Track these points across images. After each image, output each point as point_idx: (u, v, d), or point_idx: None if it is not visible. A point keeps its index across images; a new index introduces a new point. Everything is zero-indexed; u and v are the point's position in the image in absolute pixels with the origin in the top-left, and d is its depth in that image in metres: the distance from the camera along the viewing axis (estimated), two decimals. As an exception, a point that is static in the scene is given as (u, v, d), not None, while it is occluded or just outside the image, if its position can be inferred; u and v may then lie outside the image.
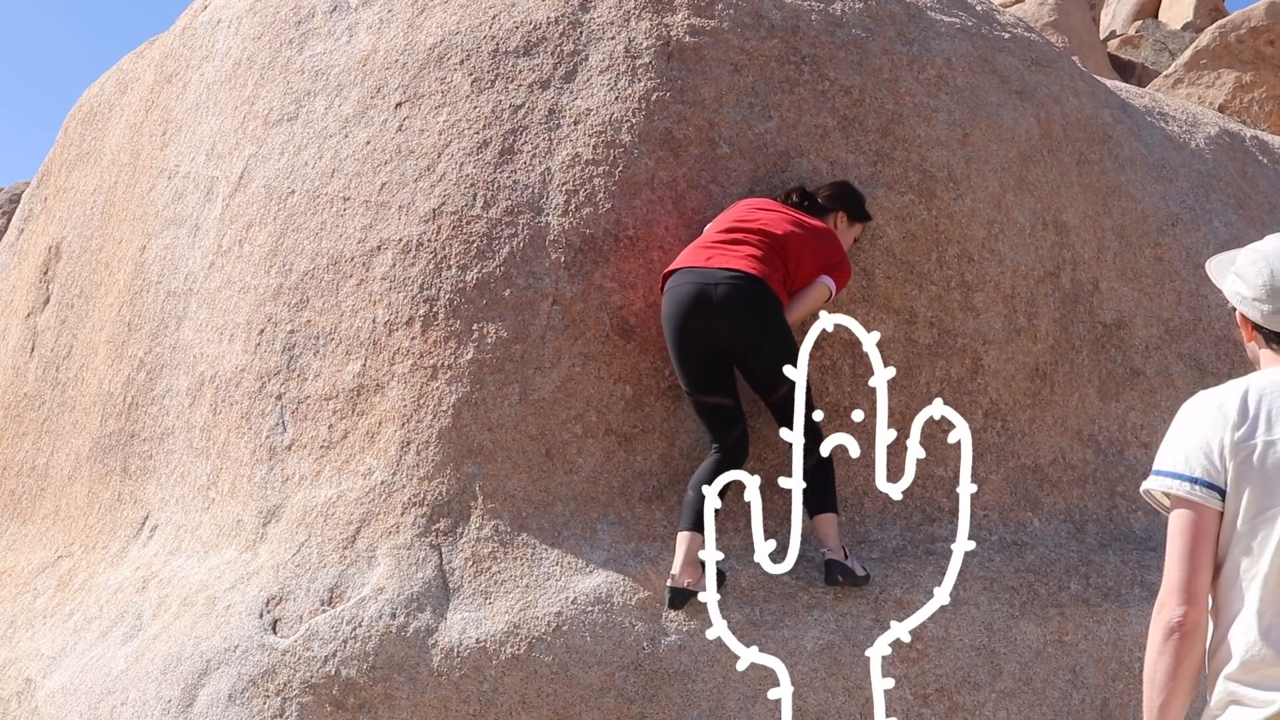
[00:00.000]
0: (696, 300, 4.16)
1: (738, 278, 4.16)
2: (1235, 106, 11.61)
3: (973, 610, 4.34)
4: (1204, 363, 5.38)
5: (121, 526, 5.30)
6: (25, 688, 4.87)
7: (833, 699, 4.07)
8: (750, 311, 4.16)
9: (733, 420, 4.20)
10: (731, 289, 4.14)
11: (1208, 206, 5.76)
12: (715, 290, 4.14)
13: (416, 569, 4.20)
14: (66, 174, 7.22)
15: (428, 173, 4.72)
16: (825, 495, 4.16)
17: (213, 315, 5.15)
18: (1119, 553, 4.76)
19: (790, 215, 4.41)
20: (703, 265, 4.21)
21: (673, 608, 4.06)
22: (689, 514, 4.07)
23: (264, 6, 5.68)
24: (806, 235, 4.36)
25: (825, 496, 4.16)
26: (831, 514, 4.17)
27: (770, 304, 4.19)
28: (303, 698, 4.03)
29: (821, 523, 4.17)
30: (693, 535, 4.02)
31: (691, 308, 4.17)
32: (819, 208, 4.55)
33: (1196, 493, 2.26)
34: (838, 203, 4.57)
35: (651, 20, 4.85)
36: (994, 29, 5.54)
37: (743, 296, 4.14)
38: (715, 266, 4.19)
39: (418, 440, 4.39)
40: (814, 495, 4.07)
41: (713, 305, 4.14)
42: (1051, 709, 4.27)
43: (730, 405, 4.20)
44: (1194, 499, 2.26)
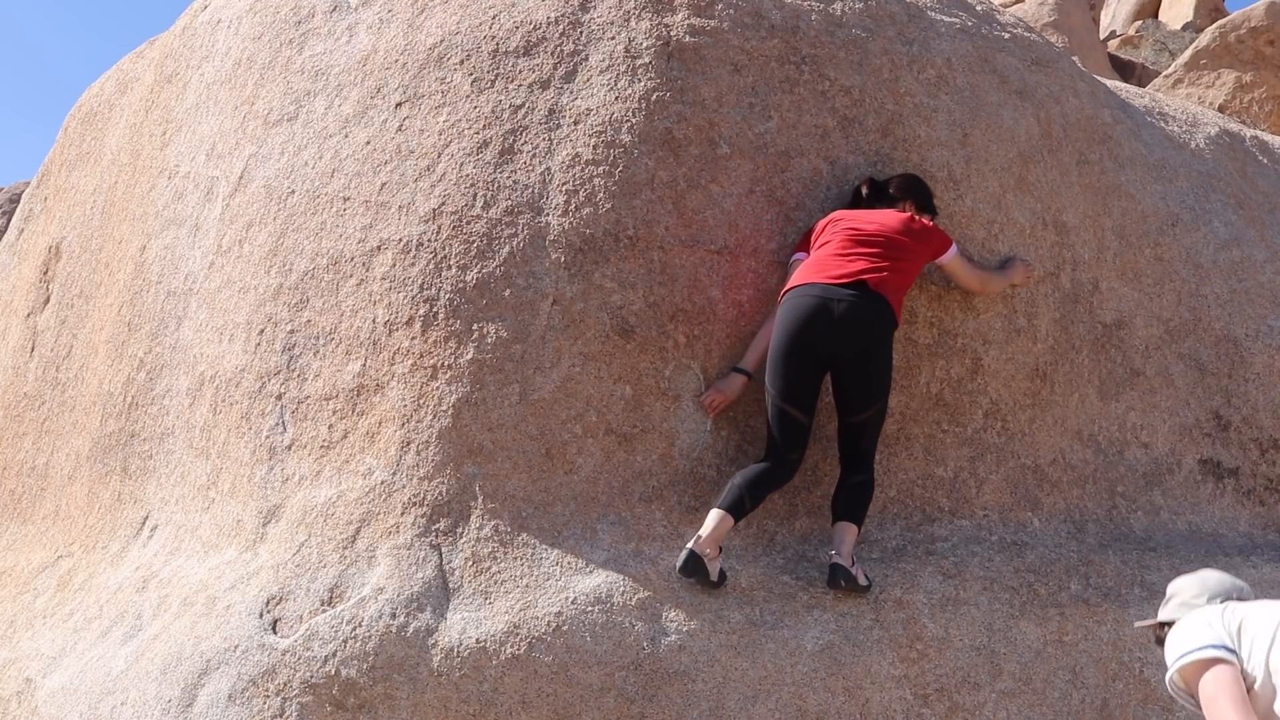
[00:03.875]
0: (817, 312, 4.26)
1: (859, 294, 4.27)
2: (1235, 106, 11.61)
3: (973, 610, 4.35)
4: (1204, 363, 5.39)
5: (121, 526, 5.30)
6: (25, 688, 4.87)
7: (833, 699, 4.08)
8: (868, 327, 4.25)
9: (801, 441, 4.29)
10: (853, 304, 4.25)
11: (1208, 206, 5.76)
12: (837, 305, 4.26)
13: (416, 569, 4.20)
14: (66, 174, 7.22)
15: (428, 173, 4.72)
16: (855, 507, 4.24)
17: (213, 315, 5.15)
18: (1119, 553, 4.76)
19: (882, 213, 4.50)
20: (826, 281, 4.30)
21: (684, 572, 4.10)
22: (730, 498, 4.15)
23: (264, 6, 5.68)
24: (905, 229, 4.45)
25: (854, 508, 4.24)
26: (854, 525, 4.22)
27: (887, 323, 4.30)
28: (303, 698, 4.03)
29: (842, 529, 4.21)
30: (726, 516, 4.12)
31: (810, 318, 4.26)
32: (889, 198, 4.64)
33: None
34: (907, 193, 4.66)
35: (651, 20, 4.85)
36: (994, 29, 5.54)
37: (862, 313, 4.25)
38: (838, 281, 4.29)
39: (418, 440, 4.39)
40: (845, 504, 4.24)
41: (832, 318, 4.25)
42: (1051, 709, 4.27)
43: (806, 425, 4.30)
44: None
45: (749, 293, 4.58)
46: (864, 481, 4.26)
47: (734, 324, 4.53)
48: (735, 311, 4.54)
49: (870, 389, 4.27)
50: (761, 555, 4.35)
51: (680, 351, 4.48)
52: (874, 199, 4.64)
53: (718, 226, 4.61)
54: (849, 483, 4.27)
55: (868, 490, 4.27)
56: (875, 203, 4.63)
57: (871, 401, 4.28)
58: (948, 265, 4.59)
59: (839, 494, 4.26)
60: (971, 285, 4.68)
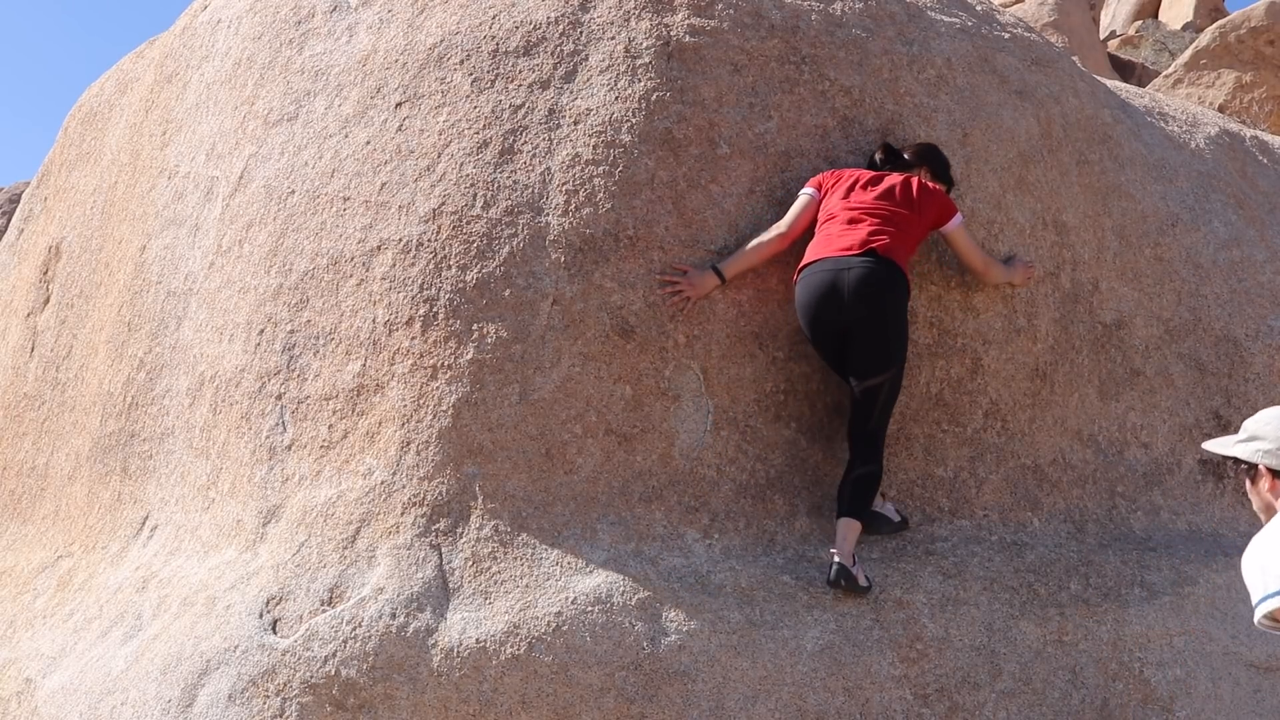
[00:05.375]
0: (829, 287, 4.30)
1: (870, 260, 4.28)
2: (1235, 106, 11.62)
3: (973, 610, 4.35)
4: (1204, 363, 5.39)
5: (121, 526, 5.30)
6: (25, 688, 4.87)
7: (833, 699, 4.08)
8: (878, 291, 4.26)
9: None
10: (864, 270, 4.27)
11: (1208, 206, 5.76)
12: (848, 274, 4.28)
13: (416, 569, 4.20)
14: (66, 174, 7.23)
15: (428, 173, 4.72)
16: (860, 503, 4.22)
17: (213, 315, 5.15)
18: (1119, 553, 4.76)
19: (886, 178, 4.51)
20: (834, 254, 4.33)
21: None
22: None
23: (264, 6, 5.68)
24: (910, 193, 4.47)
25: (859, 504, 4.22)
26: (858, 522, 4.21)
27: (899, 287, 4.30)
28: (303, 698, 4.03)
29: (845, 525, 4.20)
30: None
31: (824, 295, 4.30)
32: (905, 164, 4.67)
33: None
34: (922, 160, 4.69)
35: (651, 20, 4.85)
36: (994, 29, 5.54)
37: (873, 277, 4.26)
38: (847, 253, 4.31)
39: (418, 440, 4.39)
40: (850, 498, 4.23)
41: (843, 288, 4.28)
42: (1051, 709, 4.27)
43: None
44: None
45: (749, 293, 4.58)
46: (870, 474, 4.23)
47: (734, 324, 4.53)
48: (735, 311, 4.54)
49: (883, 351, 4.26)
50: (761, 555, 4.35)
51: (680, 351, 4.48)
52: (889, 165, 4.67)
53: (718, 226, 4.61)
54: (854, 474, 4.24)
55: (874, 484, 4.24)
56: (891, 169, 4.66)
57: (884, 365, 4.27)
58: (951, 234, 4.57)
59: (844, 487, 4.24)
60: (973, 262, 4.66)
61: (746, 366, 4.52)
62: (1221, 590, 4.74)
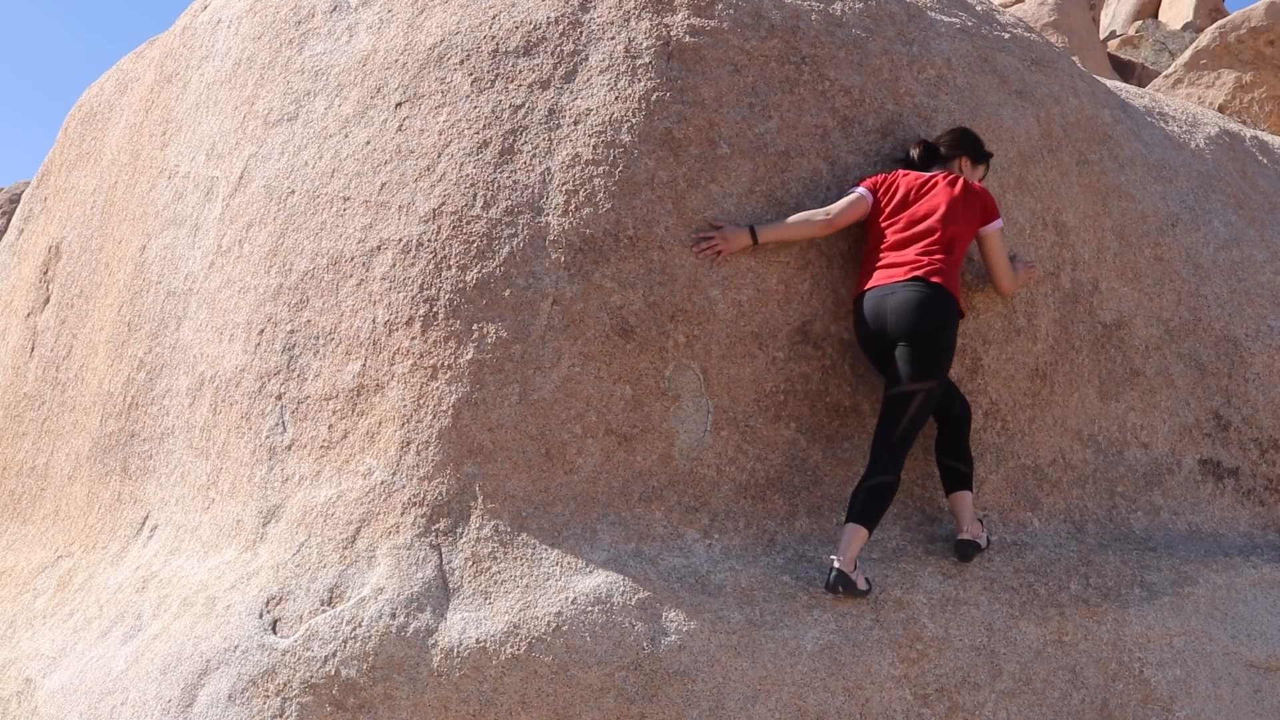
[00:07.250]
0: (878, 315, 4.39)
1: (918, 285, 4.35)
2: (1235, 106, 11.62)
3: (973, 610, 4.35)
4: (1204, 363, 5.39)
5: (121, 526, 5.30)
6: (25, 688, 4.87)
7: (833, 699, 4.08)
8: (924, 312, 4.32)
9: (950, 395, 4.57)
10: (908, 294, 4.34)
11: (1208, 206, 5.76)
12: (891, 298, 4.36)
13: (416, 569, 4.20)
14: (66, 174, 7.23)
15: (428, 173, 4.73)
16: (870, 510, 4.21)
17: (213, 315, 5.15)
18: (1119, 553, 4.76)
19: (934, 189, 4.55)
20: (888, 282, 4.41)
21: (964, 559, 4.45)
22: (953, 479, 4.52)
23: (264, 6, 5.68)
24: (957, 203, 4.51)
25: (869, 512, 4.21)
26: (865, 530, 4.19)
27: (948, 309, 4.35)
28: (303, 698, 4.03)
29: (851, 531, 4.18)
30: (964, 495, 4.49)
31: (874, 321, 4.40)
32: (942, 159, 4.72)
33: None
34: (958, 149, 4.73)
35: (651, 20, 4.85)
36: (994, 29, 5.54)
37: (919, 298, 4.32)
38: (896, 281, 4.38)
39: (418, 440, 4.39)
40: (862, 505, 4.21)
41: (885, 312, 4.37)
42: (1051, 709, 4.27)
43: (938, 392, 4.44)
44: None
45: (749, 293, 4.58)
46: (887, 485, 4.20)
47: (734, 324, 4.53)
48: (735, 311, 4.54)
49: (931, 361, 4.29)
50: (761, 555, 4.35)
51: (680, 351, 4.48)
52: (926, 163, 4.70)
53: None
54: (871, 482, 4.21)
55: (889, 494, 4.22)
56: (928, 166, 4.70)
57: (928, 374, 4.29)
58: (989, 235, 4.62)
59: (859, 492, 4.21)
60: (999, 266, 4.69)
61: (746, 366, 4.52)
62: (1221, 590, 4.75)
